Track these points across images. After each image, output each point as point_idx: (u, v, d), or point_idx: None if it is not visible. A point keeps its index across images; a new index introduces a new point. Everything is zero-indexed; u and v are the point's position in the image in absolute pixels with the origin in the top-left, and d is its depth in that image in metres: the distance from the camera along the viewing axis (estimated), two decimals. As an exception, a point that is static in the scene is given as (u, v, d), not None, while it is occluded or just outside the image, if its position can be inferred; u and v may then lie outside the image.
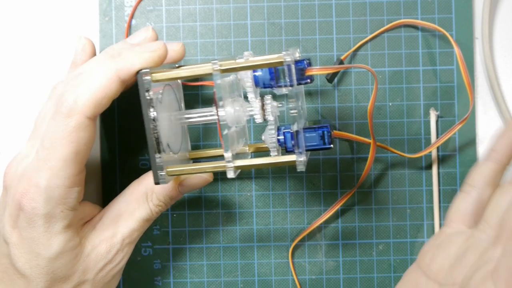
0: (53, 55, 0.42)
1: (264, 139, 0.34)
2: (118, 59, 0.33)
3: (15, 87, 0.42)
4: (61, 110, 0.32)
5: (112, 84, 0.32)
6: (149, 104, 0.32)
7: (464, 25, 0.42)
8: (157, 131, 0.32)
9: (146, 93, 0.32)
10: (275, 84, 0.32)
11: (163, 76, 0.32)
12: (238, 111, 0.33)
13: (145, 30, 0.36)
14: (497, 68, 0.42)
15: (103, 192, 0.42)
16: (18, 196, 0.32)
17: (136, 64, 0.32)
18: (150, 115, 0.32)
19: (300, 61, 0.32)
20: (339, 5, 0.42)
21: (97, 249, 0.35)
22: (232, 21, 0.42)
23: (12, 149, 0.42)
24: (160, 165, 0.33)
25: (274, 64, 0.31)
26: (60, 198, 0.32)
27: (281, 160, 0.32)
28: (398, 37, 0.42)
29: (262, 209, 0.42)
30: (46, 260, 0.33)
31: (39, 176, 0.32)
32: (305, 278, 0.42)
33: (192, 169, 0.34)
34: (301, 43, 0.42)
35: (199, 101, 0.42)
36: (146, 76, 0.32)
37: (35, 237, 0.33)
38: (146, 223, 0.36)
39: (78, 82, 0.32)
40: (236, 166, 0.33)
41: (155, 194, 0.36)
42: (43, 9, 0.42)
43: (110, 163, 0.42)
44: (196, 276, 0.42)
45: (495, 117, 0.42)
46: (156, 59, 0.33)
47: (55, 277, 0.33)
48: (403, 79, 0.42)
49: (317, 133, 0.33)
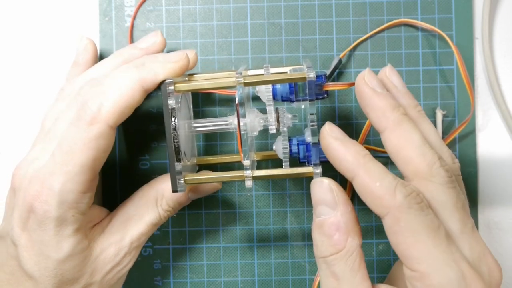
0: (53, 55, 0.42)
1: (275, 148, 0.35)
2: (142, 68, 0.33)
3: (15, 87, 0.42)
4: (84, 117, 0.32)
5: (136, 93, 0.32)
6: (171, 113, 0.32)
7: (464, 25, 0.42)
8: (177, 140, 0.32)
9: (169, 102, 0.32)
10: (294, 98, 0.33)
11: (186, 87, 0.33)
12: (254, 121, 0.34)
13: (154, 35, 0.37)
14: (497, 68, 0.42)
15: (103, 192, 0.42)
16: (30, 198, 0.32)
17: (160, 74, 0.33)
18: (172, 125, 0.32)
19: (318, 76, 0.32)
20: (339, 5, 0.42)
21: (106, 252, 0.35)
22: (232, 21, 0.42)
23: (12, 149, 0.42)
24: (180, 173, 0.33)
25: (297, 79, 0.32)
26: (73, 202, 0.32)
27: (298, 172, 0.33)
28: (398, 37, 0.42)
29: (262, 209, 0.42)
30: (55, 262, 0.33)
31: (53, 179, 0.32)
32: (305, 278, 0.42)
33: (210, 178, 0.34)
34: (301, 43, 0.42)
35: (199, 102, 0.42)
36: (170, 86, 0.32)
37: (45, 239, 0.33)
38: (154, 227, 0.37)
39: (102, 90, 0.33)
40: (254, 176, 0.33)
41: (165, 199, 0.36)
42: (43, 9, 0.42)
43: (110, 163, 0.42)
44: (196, 276, 0.42)
45: (495, 117, 0.42)
46: (178, 70, 0.34)
47: (63, 280, 0.33)
48: (403, 79, 0.42)
49: None
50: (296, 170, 0.33)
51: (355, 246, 0.29)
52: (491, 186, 0.42)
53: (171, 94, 0.32)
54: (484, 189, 0.42)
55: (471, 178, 0.42)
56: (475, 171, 0.42)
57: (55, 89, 0.39)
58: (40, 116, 0.37)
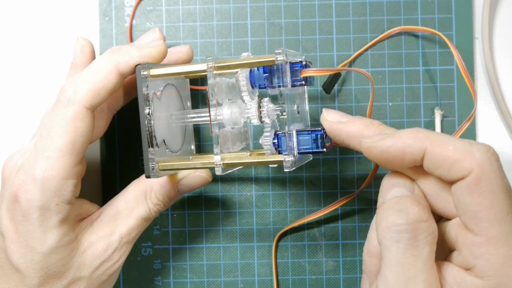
0: (53, 55, 0.42)
1: (261, 142, 0.34)
2: (117, 52, 0.33)
3: (15, 87, 0.42)
4: (61, 100, 0.32)
5: (111, 75, 0.32)
6: (145, 98, 0.32)
7: (464, 25, 0.42)
8: (151, 126, 0.32)
9: (144, 88, 0.32)
10: (269, 84, 0.32)
11: (160, 71, 0.33)
12: (235, 112, 0.33)
13: (152, 32, 0.37)
14: (497, 68, 0.42)
15: (103, 192, 0.42)
16: (15, 188, 0.32)
17: (135, 57, 0.33)
18: (145, 109, 0.32)
19: (296, 63, 0.31)
20: (339, 5, 0.42)
21: (94, 246, 0.34)
22: (232, 21, 0.42)
23: (12, 149, 0.42)
24: (152, 158, 0.33)
25: (266, 63, 0.31)
26: (56, 190, 0.32)
27: (269, 160, 0.32)
28: (398, 37, 0.42)
29: (262, 209, 0.42)
30: (41, 255, 0.33)
31: (35, 167, 0.32)
32: (305, 278, 0.42)
33: (183, 164, 0.34)
34: (301, 43, 0.42)
35: (199, 100, 0.42)
36: (144, 71, 0.33)
37: (30, 230, 0.32)
38: (144, 222, 0.36)
39: (79, 75, 0.33)
40: (225, 164, 0.33)
41: (154, 193, 0.36)
42: (43, 9, 0.42)
43: (110, 163, 0.42)
44: (196, 276, 0.42)
45: (495, 117, 0.42)
46: (155, 54, 0.34)
47: (49, 273, 0.33)
48: (403, 79, 0.42)
49: (310, 136, 0.32)
50: (266, 157, 0.32)
51: (435, 227, 0.27)
52: (491, 186, 0.42)
53: (146, 78, 0.32)
54: (484, 189, 0.42)
55: (471, 178, 0.42)
56: (475, 171, 0.42)
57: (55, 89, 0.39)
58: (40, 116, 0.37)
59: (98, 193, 0.42)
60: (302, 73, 0.31)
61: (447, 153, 0.27)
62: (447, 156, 0.27)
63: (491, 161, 0.26)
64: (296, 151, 0.32)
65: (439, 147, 0.27)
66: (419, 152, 0.27)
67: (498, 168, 0.26)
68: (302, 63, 0.31)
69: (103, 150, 0.42)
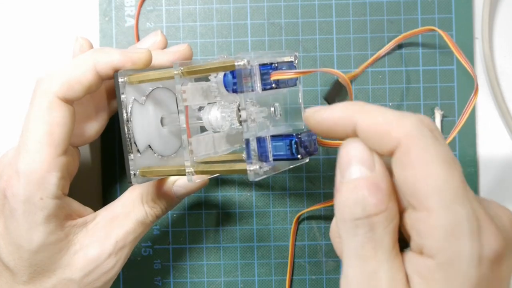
0: (53, 55, 0.42)
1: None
2: (99, 51, 0.33)
3: (15, 87, 0.42)
4: (37, 92, 0.32)
5: (87, 72, 0.32)
6: (121, 105, 0.32)
7: (464, 25, 0.42)
8: (130, 132, 0.32)
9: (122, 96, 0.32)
10: (241, 88, 0.29)
11: (135, 78, 0.32)
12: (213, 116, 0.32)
13: (154, 35, 0.36)
14: (497, 68, 0.42)
15: (103, 193, 0.42)
16: (3, 184, 0.32)
17: (115, 59, 0.32)
18: (124, 116, 0.32)
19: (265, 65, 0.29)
20: (339, 5, 0.42)
21: (87, 249, 0.34)
22: (232, 21, 0.42)
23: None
24: (130, 164, 0.33)
25: (226, 67, 0.30)
26: (38, 183, 0.32)
27: (233, 168, 0.30)
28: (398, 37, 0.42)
29: (262, 209, 0.42)
30: (28, 252, 0.32)
31: (18, 161, 0.32)
32: (305, 278, 0.42)
33: (160, 170, 0.33)
34: (301, 43, 0.42)
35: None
36: (122, 78, 0.32)
37: (17, 227, 0.32)
38: (141, 226, 0.35)
39: (57, 68, 0.33)
40: (197, 171, 0.32)
41: (150, 196, 0.35)
42: (43, 9, 0.43)
43: (110, 164, 0.42)
44: (196, 276, 0.42)
45: (495, 117, 0.42)
46: (136, 60, 0.33)
47: (38, 270, 0.33)
48: (403, 79, 0.42)
49: (284, 142, 0.29)
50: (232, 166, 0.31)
51: (395, 212, 0.25)
52: (491, 186, 0.42)
53: (124, 83, 0.32)
54: (484, 189, 0.42)
55: (471, 178, 0.42)
56: (475, 171, 0.42)
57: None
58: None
59: (98, 194, 0.42)
60: (272, 76, 0.30)
61: (376, 125, 0.25)
62: (376, 128, 0.25)
63: (421, 130, 0.24)
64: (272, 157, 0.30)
65: (369, 119, 0.25)
66: (350, 124, 0.26)
67: (430, 136, 0.24)
68: (273, 65, 0.30)
69: (103, 151, 0.42)
